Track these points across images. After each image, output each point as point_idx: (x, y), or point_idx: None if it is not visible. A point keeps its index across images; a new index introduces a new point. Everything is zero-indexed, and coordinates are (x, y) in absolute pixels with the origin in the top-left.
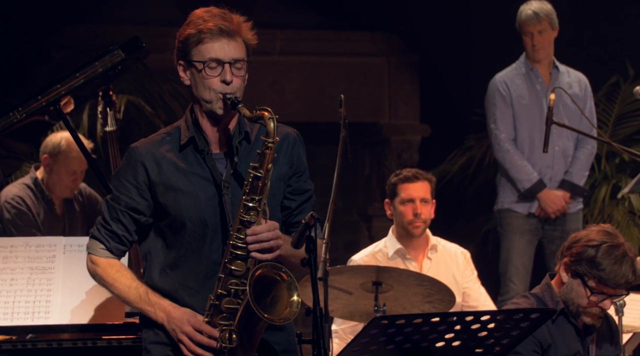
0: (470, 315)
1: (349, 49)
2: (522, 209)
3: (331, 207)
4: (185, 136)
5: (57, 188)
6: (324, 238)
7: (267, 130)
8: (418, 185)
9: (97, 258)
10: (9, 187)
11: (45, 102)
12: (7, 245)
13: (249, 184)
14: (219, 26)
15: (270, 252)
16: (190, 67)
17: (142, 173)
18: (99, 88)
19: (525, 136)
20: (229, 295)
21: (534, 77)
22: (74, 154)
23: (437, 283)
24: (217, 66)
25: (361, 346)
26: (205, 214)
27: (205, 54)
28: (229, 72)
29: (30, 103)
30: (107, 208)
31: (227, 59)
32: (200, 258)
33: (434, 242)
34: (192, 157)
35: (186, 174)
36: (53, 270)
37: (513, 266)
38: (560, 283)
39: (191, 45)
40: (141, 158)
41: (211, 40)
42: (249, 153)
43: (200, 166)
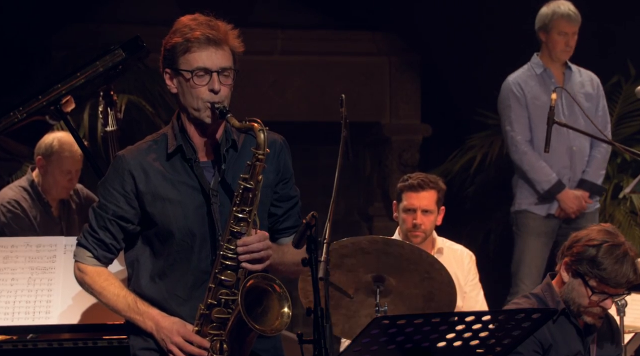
0: (471, 315)
1: (350, 48)
2: (541, 211)
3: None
4: (173, 145)
5: (54, 189)
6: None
7: (258, 141)
8: (422, 195)
9: (85, 266)
10: (5, 190)
11: (46, 102)
12: (8, 245)
13: (239, 195)
14: (206, 35)
15: (260, 262)
16: (177, 76)
17: (129, 182)
18: (99, 87)
19: (541, 137)
20: (219, 304)
21: (547, 77)
22: (66, 154)
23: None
24: (205, 75)
25: (362, 346)
26: (193, 223)
27: (192, 63)
28: (217, 81)
29: (31, 102)
30: (94, 216)
31: (215, 67)
32: (188, 268)
33: (440, 244)
34: (179, 165)
35: (174, 183)
36: (54, 270)
37: (525, 267)
38: (561, 283)
39: (178, 54)
40: (129, 166)
41: (198, 49)
42: (236, 162)
43: (187, 175)
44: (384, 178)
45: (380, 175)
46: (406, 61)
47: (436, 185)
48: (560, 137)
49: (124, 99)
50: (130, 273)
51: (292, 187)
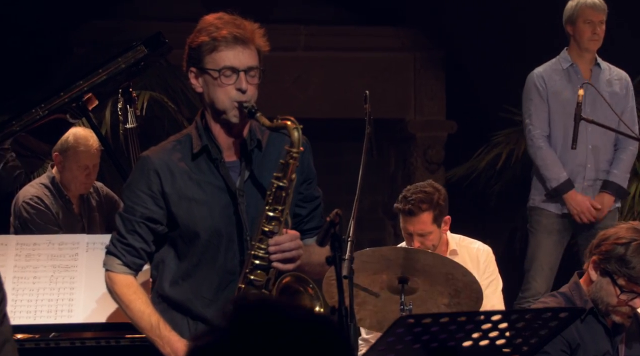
0: (498, 314)
1: (373, 44)
2: (556, 208)
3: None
4: (198, 145)
5: (72, 185)
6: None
7: (292, 140)
8: (415, 220)
9: (115, 275)
10: (26, 187)
11: (68, 99)
12: (30, 243)
13: (272, 194)
14: (233, 34)
15: (292, 262)
16: (203, 74)
17: (155, 182)
18: (121, 84)
19: (559, 133)
20: None
21: (574, 73)
22: (82, 148)
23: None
24: (232, 74)
25: (387, 346)
26: (220, 224)
27: (219, 62)
28: (244, 80)
29: (52, 99)
30: (121, 221)
31: (242, 67)
32: (214, 268)
33: (453, 246)
34: (204, 165)
35: (199, 183)
36: (76, 268)
37: (538, 265)
38: (589, 281)
39: (204, 53)
40: (154, 166)
41: (226, 48)
42: (261, 161)
43: (213, 175)
44: (408, 176)
45: (404, 172)
46: (431, 57)
47: (431, 203)
48: (580, 135)
49: (146, 96)
50: (154, 275)
51: (316, 187)
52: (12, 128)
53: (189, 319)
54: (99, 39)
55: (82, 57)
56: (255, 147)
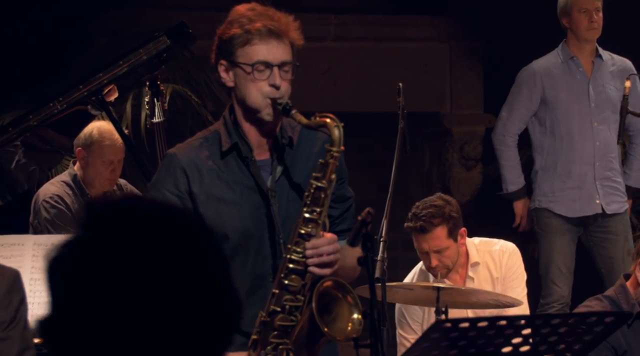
0: (540, 318)
1: (407, 34)
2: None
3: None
4: (227, 142)
5: (96, 182)
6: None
7: (332, 138)
8: (429, 237)
9: None
10: (47, 185)
11: (88, 92)
12: (48, 243)
13: (310, 195)
14: (267, 27)
15: (329, 266)
16: (234, 68)
17: (183, 180)
18: (143, 77)
19: (563, 131)
20: (283, 311)
21: (574, 66)
22: (107, 142)
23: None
24: (265, 69)
25: (422, 351)
26: (250, 225)
27: (253, 56)
28: (277, 76)
29: (72, 92)
30: None
31: (276, 61)
32: (243, 273)
33: (474, 257)
34: (234, 164)
35: (229, 183)
36: None
37: (555, 268)
38: (636, 284)
39: (237, 46)
40: (181, 164)
41: (259, 41)
42: (292, 160)
43: (243, 174)
44: (444, 173)
45: (440, 169)
46: (468, 47)
47: (443, 217)
48: (586, 132)
49: (169, 89)
50: None
51: (347, 188)
52: (29, 123)
53: None
54: (120, 29)
55: (103, 48)
56: (287, 145)
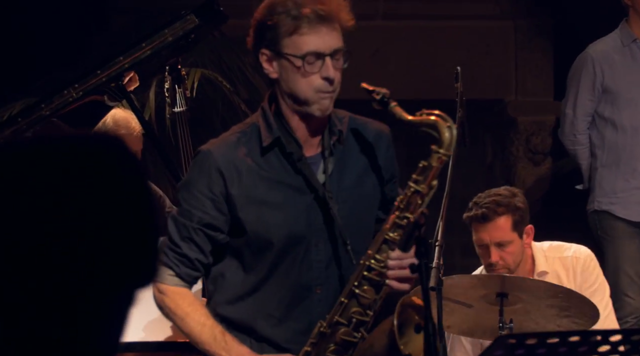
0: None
1: (467, 11)
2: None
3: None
4: (268, 137)
5: None
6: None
7: (442, 140)
8: (491, 227)
9: (165, 287)
10: None
11: (106, 78)
12: None
13: (405, 199)
14: (317, 12)
15: (409, 281)
16: (279, 59)
17: (218, 182)
18: (167, 61)
19: (626, 124)
20: (348, 325)
21: (637, 50)
22: (123, 132)
23: (575, 296)
24: (317, 61)
25: None
26: (296, 230)
27: (302, 47)
28: (331, 67)
29: (88, 79)
30: (175, 227)
31: (328, 50)
32: (287, 282)
33: (541, 266)
34: (276, 162)
35: (271, 183)
36: None
37: (625, 277)
38: None
39: (282, 35)
40: (217, 164)
41: (309, 29)
42: (342, 156)
43: (287, 173)
44: (508, 168)
45: (503, 164)
46: (536, 25)
47: (508, 207)
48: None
49: (197, 74)
50: (211, 290)
51: (398, 188)
52: (41, 112)
53: (252, 340)
54: (142, 7)
55: (122, 28)
56: (336, 140)
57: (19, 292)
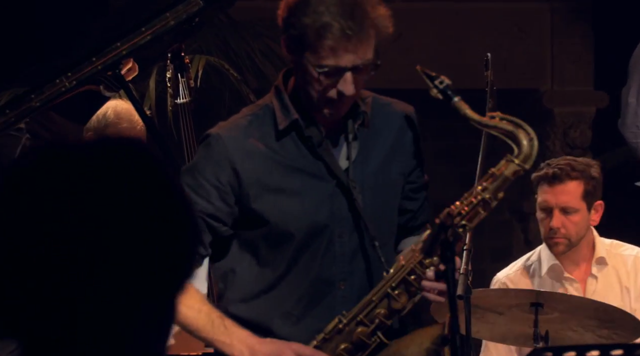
0: None
1: None
2: None
3: None
4: (284, 119)
5: None
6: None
7: (520, 151)
8: (559, 189)
9: None
10: None
11: (102, 66)
12: None
13: (470, 206)
14: (344, 30)
15: (444, 294)
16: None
17: (227, 171)
18: (169, 47)
19: None
20: (368, 325)
21: None
22: (125, 125)
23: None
24: (335, 73)
25: None
26: (317, 221)
27: (323, 57)
28: (349, 82)
29: (83, 67)
30: None
31: (350, 65)
32: (307, 278)
33: (601, 252)
34: (292, 146)
35: (288, 170)
36: None
37: None
38: None
39: (304, 41)
40: (226, 150)
41: (333, 44)
42: (367, 141)
43: (304, 158)
44: None
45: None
46: (574, 7)
47: (583, 173)
48: None
49: (201, 61)
50: (221, 288)
51: (424, 174)
52: (31, 104)
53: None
54: None
55: (120, 11)
56: (360, 124)
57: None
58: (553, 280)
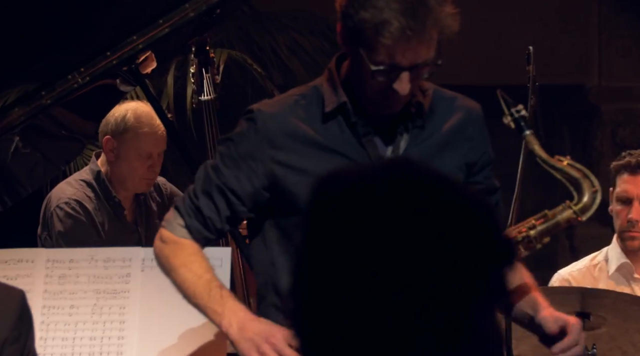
0: None
1: None
2: None
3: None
4: (332, 101)
5: (129, 181)
6: None
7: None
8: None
9: (170, 235)
10: (61, 185)
11: (117, 60)
12: (65, 260)
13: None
14: (403, 30)
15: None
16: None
17: (263, 150)
18: (189, 40)
19: None
20: None
21: None
22: (145, 129)
23: None
24: (392, 71)
25: None
26: None
27: (379, 55)
28: (405, 81)
29: (97, 61)
30: (202, 176)
31: (408, 64)
32: None
33: None
34: (337, 131)
35: (330, 155)
36: (128, 294)
37: None
38: None
39: (361, 36)
40: (266, 128)
41: (392, 43)
42: (419, 134)
43: (349, 146)
44: (590, 165)
45: (585, 159)
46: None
47: None
48: None
49: (223, 56)
50: (261, 284)
51: (494, 178)
52: (42, 101)
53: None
54: None
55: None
56: (415, 115)
57: None
58: (621, 279)
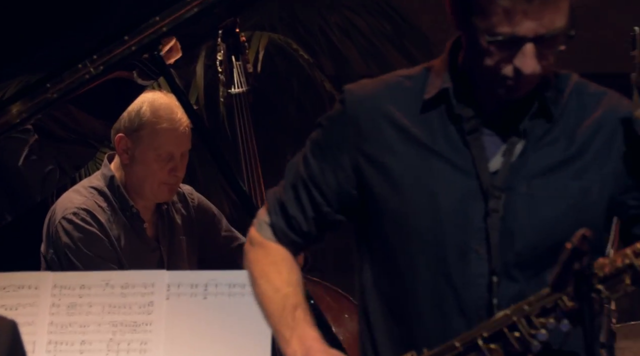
0: None
1: None
2: None
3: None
4: (435, 86)
5: (147, 187)
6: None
7: None
8: None
9: (257, 236)
10: (69, 194)
11: (136, 46)
12: (75, 286)
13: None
14: None
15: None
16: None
17: (348, 138)
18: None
19: None
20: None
21: None
22: (164, 125)
23: None
24: (512, 45)
25: None
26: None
27: (495, 25)
28: (530, 56)
29: (112, 47)
30: (291, 167)
31: (532, 35)
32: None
33: None
34: (436, 124)
35: (422, 151)
36: (150, 326)
37: None
38: None
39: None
40: (355, 113)
41: (509, 3)
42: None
43: (447, 142)
44: None
45: None
46: None
47: None
48: None
49: (262, 40)
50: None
51: None
52: (47, 95)
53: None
54: None
55: None
56: (538, 115)
57: None
58: None
